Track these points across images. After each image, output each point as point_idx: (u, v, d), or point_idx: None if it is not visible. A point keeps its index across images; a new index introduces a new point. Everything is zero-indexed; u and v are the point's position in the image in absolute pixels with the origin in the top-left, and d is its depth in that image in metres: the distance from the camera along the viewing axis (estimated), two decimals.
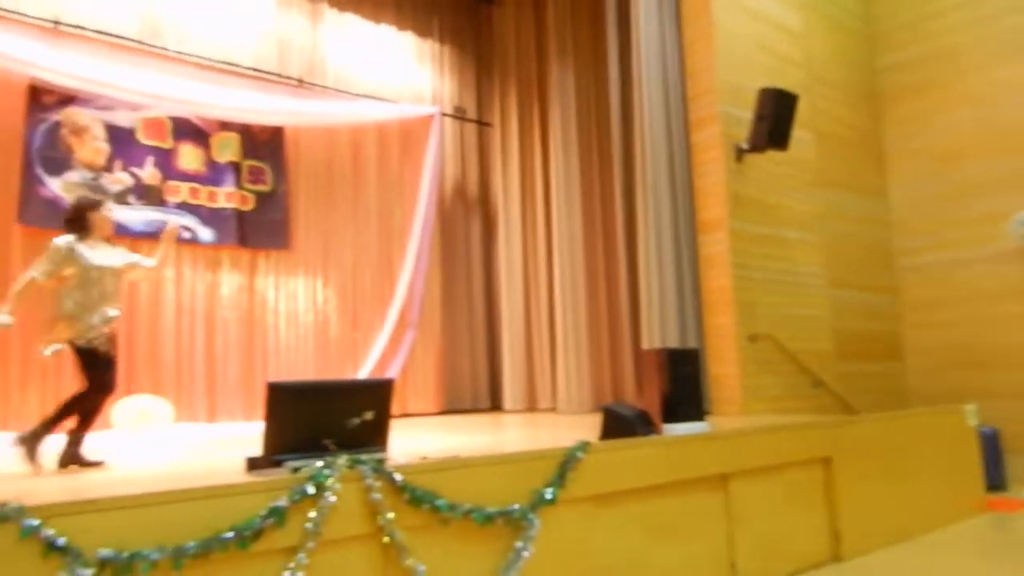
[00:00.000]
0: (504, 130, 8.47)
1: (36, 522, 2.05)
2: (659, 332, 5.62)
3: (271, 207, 7.26)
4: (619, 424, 3.51)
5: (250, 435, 5.91)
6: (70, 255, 3.76)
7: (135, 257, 4.13)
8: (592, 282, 7.26)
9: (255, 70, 7.39)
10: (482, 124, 9.16)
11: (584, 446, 3.01)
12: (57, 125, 6.18)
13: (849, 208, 6.68)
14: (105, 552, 2.09)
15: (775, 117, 5.45)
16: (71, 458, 3.69)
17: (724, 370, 5.44)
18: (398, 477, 2.59)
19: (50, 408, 3.91)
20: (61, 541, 2.06)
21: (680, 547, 3.40)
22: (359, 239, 7.86)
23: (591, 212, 7.40)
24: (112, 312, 3.85)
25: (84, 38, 6.40)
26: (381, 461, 2.66)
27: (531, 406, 7.85)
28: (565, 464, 2.92)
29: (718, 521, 3.59)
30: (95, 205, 3.95)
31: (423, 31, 8.84)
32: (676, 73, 5.96)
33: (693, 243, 5.78)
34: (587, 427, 4.82)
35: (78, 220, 3.86)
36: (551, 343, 7.66)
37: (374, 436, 2.84)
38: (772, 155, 5.78)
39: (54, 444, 3.76)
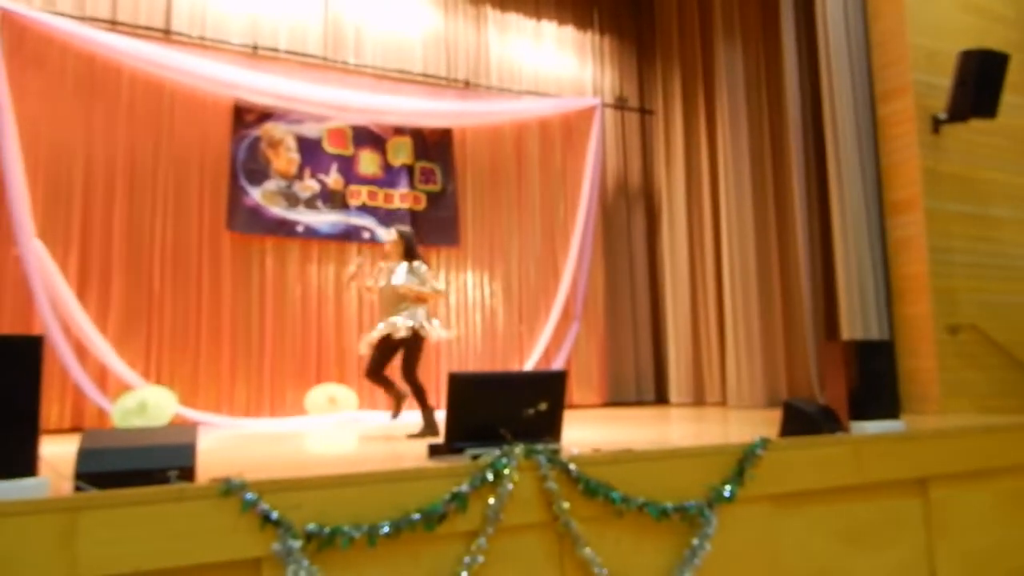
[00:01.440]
0: (667, 117, 8.27)
1: (254, 496, 2.29)
2: (858, 323, 5.23)
3: (441, 206, 7.61)
4: (801, 420, 3.31)
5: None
6: None
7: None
8: (764, 272, 6.90)
9: (425, 76, 7.76)
10: (644, 112, 9.01)
11: (764, 442, 2.88)
12: (257, 140, 6.86)
13: None
14: (311, 527, 2.30)
15: (980, 82, 4.88)
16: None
17: (919, 364, 4.97)
18: (572, 467, 2.62)
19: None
20: (275, 515, 2.30)
21: (872, 557, 3.16)
22: (523, 234, 8.03)
23: (763, 199, 7.03)
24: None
25: (278, 60, 7.05)
26: (555, 451, 2.71)
27: (698, 400, 7.63)
28: (744, 460, 2.82)
29: (916, 530, 3.30)
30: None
31: (583, 23, 8.84)
32: (860, 44, 5.50)
33: (880, 227, 5.32)
34: (762, 423, 4.61)
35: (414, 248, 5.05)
36: (720, 335, 7.38)
37: (548, 427, 2.90)
38: (976, 125, 5.18)
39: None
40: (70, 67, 6.16)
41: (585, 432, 4.55)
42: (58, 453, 2.59)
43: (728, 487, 2.74)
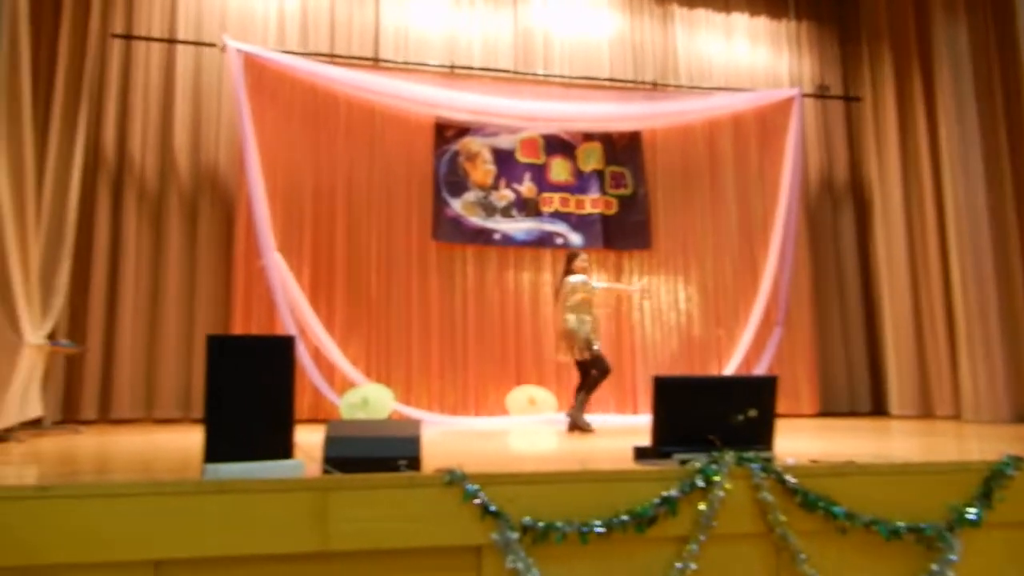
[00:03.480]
0: (877, 104, 7.60)
1: (475, 487, 2.44)
2: None
3: (633, 209, 7.58)
4: None
5: (622, 425, 6.28)
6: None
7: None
8: (1003, 268, 6.12)
9: (612, 80, 7.79)
10: (850, 100, 8.35)
11: (1016, 461, 2.56)
12: (456, 154, 7.29)
13: None
14: (527, 520, 2.41)
15: None
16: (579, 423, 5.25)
17: None
18: (789, 478, 2.51)
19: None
20: (493, 506, 2.43)
21: None
22: (719, 235, 7.77)
23: (998, 186, 6.24)
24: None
25: (473, 77, 7.44)
26: (768, 460, 2.60)
27: (926, 412, 6.89)
28: (991, 480, 2.52)
29: None
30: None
31: (777, 12, 8.40)
32: None
33: None
34: (1007, 438, 4.10)
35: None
36: (949, 341, 6.62)
37: (759, 434, 2.79)
38: None
39: None
40: (297, 98, 6.94)
41: (797, 442, 4.31)
42: (302, 440, 2.91)
43: (974, 509, 2.47)
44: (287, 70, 6.84)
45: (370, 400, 5.61)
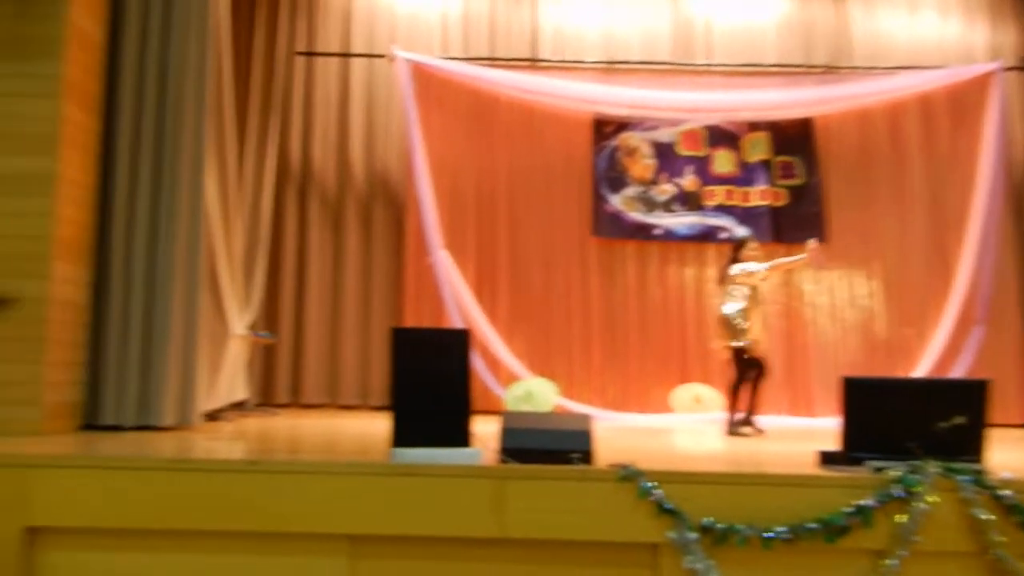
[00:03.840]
0: None
1: (651, 484, 2.40)
2: None
3: (805, 200, 7.14)
4: None
5: (796, 428, 5.94)
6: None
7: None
8: None
9: (780, 65, 7.37)
10: None
11: None
12: (615, 149, 7.23)
13: None
14: (707, 520, 2.34)
15: None
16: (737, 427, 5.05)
17: None
18: (1006, 494, 2.25)
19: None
20: (670, 504, 2.38)
21: None
22: (904, 226, 7.10)
23: None
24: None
25: (631, 72, 7.34)
26: (980, 473, 2.35)
27: None
28: None
29: None
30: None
31: None
32: None
33: None
34: None
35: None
36: None
37: (966, 444, 2.52)
38: None
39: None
40: (461, 102, 7.19)
41: (1007, 454, 3.85)
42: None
43: None
44: (450, 75, 7.12)
45: (534, 394, 5.72)
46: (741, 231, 6.99)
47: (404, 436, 2.56)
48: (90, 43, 4.15)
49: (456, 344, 2.77)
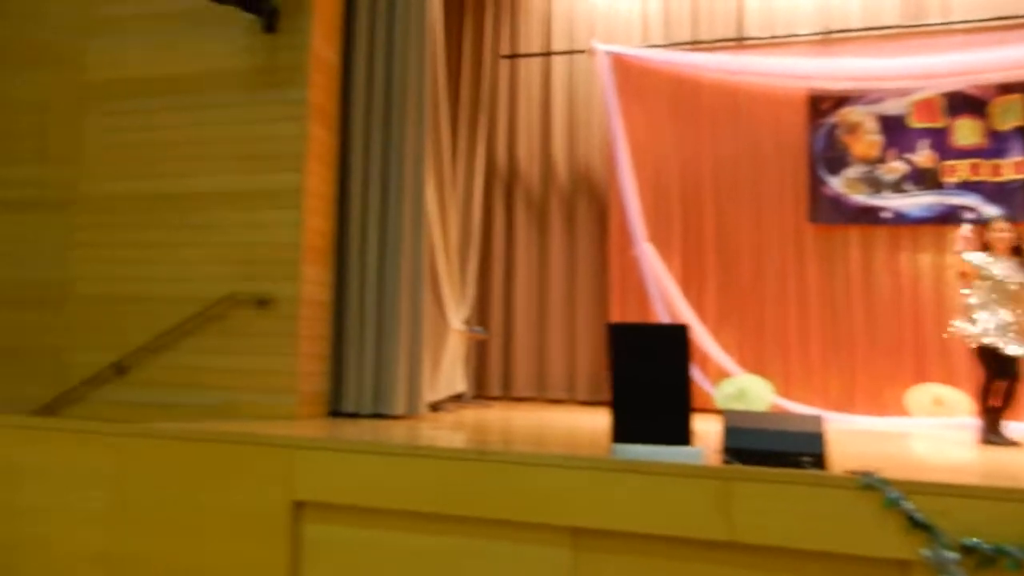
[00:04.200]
0: None
1: (898, 495, 2.19)
2: None
3: None
4: None
5: None
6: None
7: None
8: None
9: None
10: None
11: None
12: (833, 127, 6.65)
13: None
14: (970, 540, 2.08)
15: None
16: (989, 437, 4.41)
17: None
18: None
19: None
20: (922, 518, 2.16)
21: None
22: None
23: None
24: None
25: (850, 40, 6.71)
26: None
27: None
28: None
29: None
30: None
31: None
32: None
33: None
34: None
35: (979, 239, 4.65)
36: None
37: None
38: None
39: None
40: (662, 90, 7.02)
41: None
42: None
43: None
44: (650, 63, 6.99)
45: (747, 392, 5.45)
46: (990, 210, 6.13)
47: (625, 432, 2.57)
48: (328, 67, 4.63)
49: (674, 339, 2.71)
